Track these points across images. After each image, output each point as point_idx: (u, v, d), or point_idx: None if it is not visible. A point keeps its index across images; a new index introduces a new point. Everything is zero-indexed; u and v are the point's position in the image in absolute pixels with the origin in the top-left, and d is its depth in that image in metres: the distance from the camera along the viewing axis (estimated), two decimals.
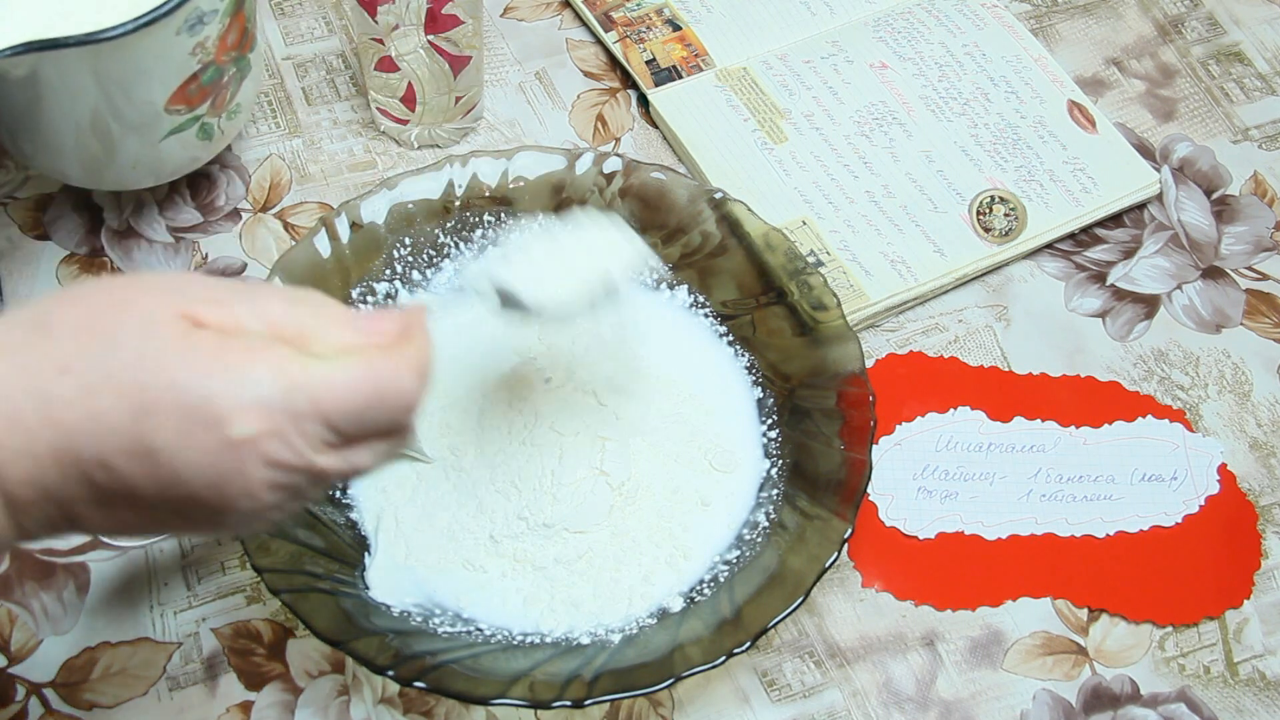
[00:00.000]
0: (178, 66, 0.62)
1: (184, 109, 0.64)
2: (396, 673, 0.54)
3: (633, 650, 0.57)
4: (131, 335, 0.39)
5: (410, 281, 0.68)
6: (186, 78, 0.63)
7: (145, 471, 0.39)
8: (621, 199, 0.69)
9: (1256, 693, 0.62)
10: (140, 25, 0.58)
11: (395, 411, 0.42)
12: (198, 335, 0.40)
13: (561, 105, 0.80)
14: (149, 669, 0.60)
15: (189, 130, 0.66)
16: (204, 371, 0.39)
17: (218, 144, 0.69)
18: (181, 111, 0.64)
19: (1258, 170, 0.80)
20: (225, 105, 0.67)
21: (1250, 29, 0.86)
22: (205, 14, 0.61)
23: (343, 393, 0.41)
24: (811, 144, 0.77)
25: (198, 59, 0.62)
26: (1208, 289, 0.75)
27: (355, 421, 0.41)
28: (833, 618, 0.63)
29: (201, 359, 0.39)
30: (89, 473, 0.39)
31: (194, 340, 0.40)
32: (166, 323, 0.40)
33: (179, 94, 0.63)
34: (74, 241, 0.72)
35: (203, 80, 0.64)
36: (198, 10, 0.60)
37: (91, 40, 0.57)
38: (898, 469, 0.67)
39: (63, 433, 0.38)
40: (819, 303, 0.65)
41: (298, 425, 0.40)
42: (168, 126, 0.65)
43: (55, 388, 0.38)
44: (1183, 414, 0.70)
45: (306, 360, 0.41)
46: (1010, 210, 0.75)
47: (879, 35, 0.82)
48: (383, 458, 0.44)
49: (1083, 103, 0.80)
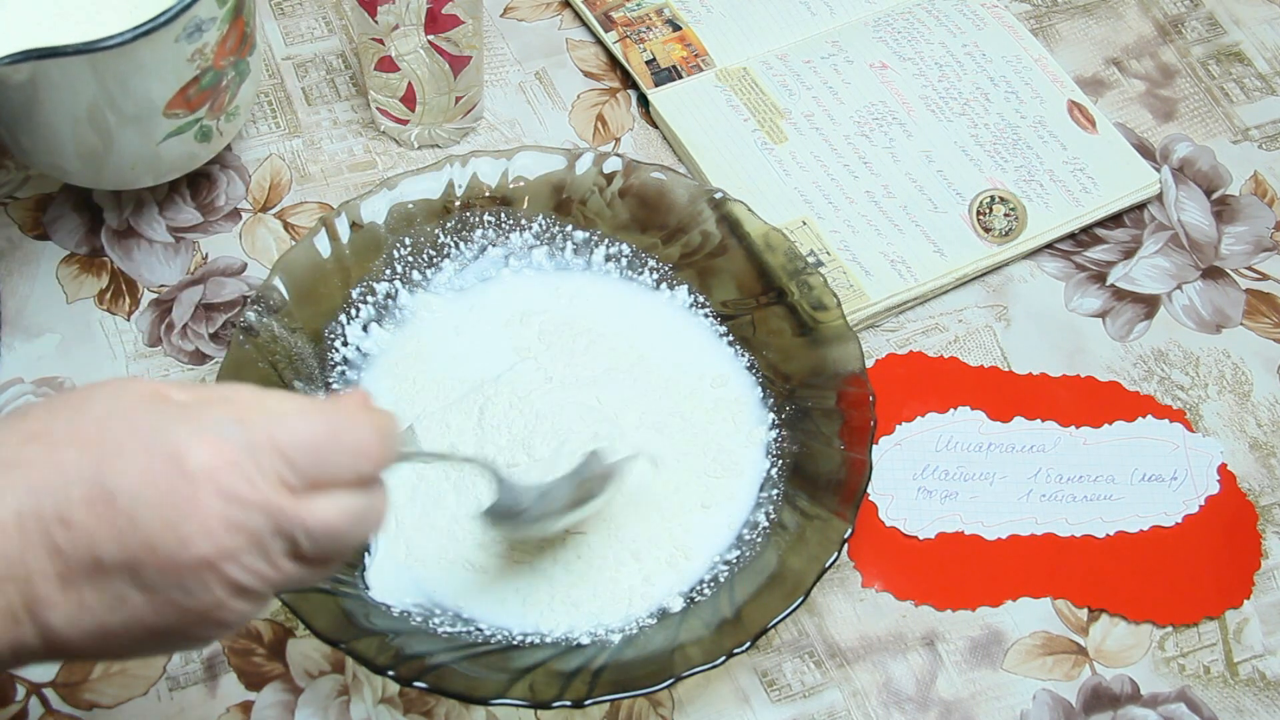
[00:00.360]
0: (177, 72, 0.62)
1: (183, 112, 0.64)
2: (396, 673, 0.54)
3: (633, 650, 0.57)
4: (101, 401, 0.40)
5: (410, 281, 0.68)
6: (185, 82, 0.63)
7: (104, 518, 0.38)
8: (621, 199, 0.69)
9: (1256, 693, 0.62)
10: (139, 34, 0.58)
11: (355, 457, 0.41)
12: (166, 401, 0.40)
13: (561, 105, 0.80)
14: (149, 669, 0.60)
15: (188, 132, 0.66)
16: (169, 418, 0.39)
17: (216, 144, 0.69)
18: (180, 115, 0.64)
19: (1258, 170, 0.80)
20: (224, 107, 0.67)
21: (1250, 29, 0.86)
22: (204, 21, 0.61)
23: (300, 428, 0.40)
24: (811, 144, 0.77)
25: (196, 65, 0.62)
26: (1208, 289, 0.75)
27: (313, 459, 0.40)
28: (833, 618, 0.63)
29: (168, 412, 0.40)
30: (50, 532, 0.38)
31: (162, 403, 0.40)
32: (136, 393, 0.40)
33: (178, 98, 0.63)
34: (74, 241, 0.72)
35: (202, 84, 0.64)
36: (196, 18, 0.60)
37: (90, 49, 0.57)
38: (898, 469, 0.67)
39: (25, 491, 0.38)
40: (819, 303, 0.65)
41: (254, 457, 0.39)
42: (166, 129, 0.65)
43: (21, 454, 0.38)
44: (1183, 414, 0.70)
45: (266, 405, 0.41)
46: (1010, 210, 0.75)
47: (879, 35, 0.82)
48: (350, 517, 0.41)
49: (1083, 103, 0.80)
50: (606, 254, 0.70)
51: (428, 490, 0.62)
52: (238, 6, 0.63)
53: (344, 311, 0.66)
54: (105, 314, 0.70)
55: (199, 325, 0.70)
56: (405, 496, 0.62)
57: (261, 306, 0.63)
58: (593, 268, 0.70)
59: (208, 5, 0.60)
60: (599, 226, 0.70)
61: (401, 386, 0.66)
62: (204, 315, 0.70)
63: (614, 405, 0.64)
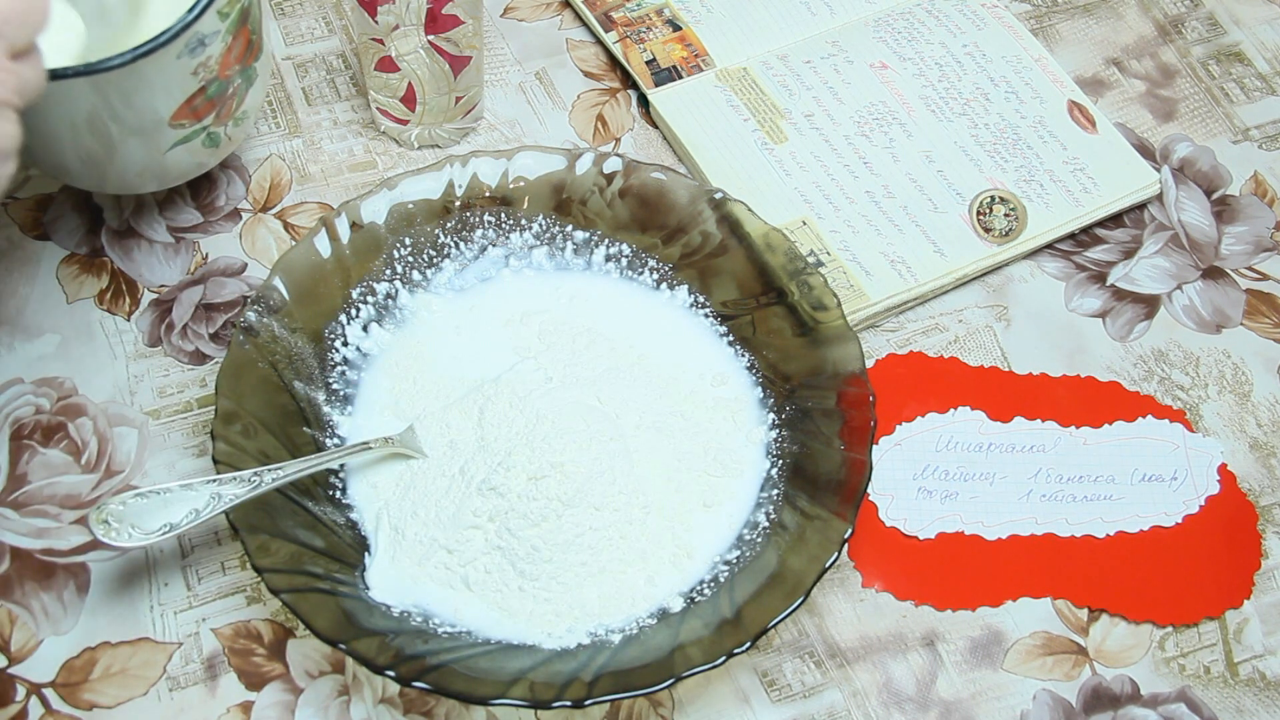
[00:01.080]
0: (181, 86, 0.62)
1: (189, 122, 0.64)
2: (396, 673, 0.54)
3: (633, 650, 0.57)
4: None
5: (410, 281, 0.68)
6: (190, 94, 0.63)
7: None
8: (621, 199, 0.69)
9: (1256, 693, 0.62)
10: (140, 55, 0.58)
11: None
12: None
13: (561, 105, 0.80)
14: (149, 669, 0.60)
15: (195, 140, 0.66)
16: None
17: (224, 150, 0.69)
18: (187, 125, 0.64)
19: (1258, 170, 0.80)
20: (232, 114, 0.67)
21: (1250, 29, 0.86)
22: (206, 36, 0.61)
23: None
24: (811, 144, 0.77)
25: (201, 77, 0.62)
26: (1208, 289, 0.75)
27: None
28: (833, 618, 0.63)
29: None
30: None
31: None
32: None
33: (183, 109, 0.63)
34: (74, 241, 0.72)
35: (208, 94, 0.64)
36: (198, 34, 0.60)
37: (92, 71, 0.57)
38: (898, 469, 0.67)
39: None
40: (819, 303, 0.65)
41: None
42: (173, 139, 0.65)
43: None
44: (1183, 414, 0.70)
45: None
46: (1010, 210, 0.75)
47: (879, 35, 0.82)
48: None
49: (1083, 103, 0.80)
50: (606, 254, 0.70)
51: (427, 490, 0.62)
52: (242, 17, 0.63)
53: (344, 311, 0.66)
54: (105, 314, 0.70)
55: (199, 325, 0.70)
56: (405, 497, 0.62)
57: (261, 306, 0.63)
58: (593, 268, 0.70)
59: (210, 21, 0.60)
60: (599, 226, 0.70)
61: (401, 386, 0.66)
62: (204, 315, 0.70)
63: (614, 405, 0.64)
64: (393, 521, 0.61)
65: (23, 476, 0.64)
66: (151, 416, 0.67)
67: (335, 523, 0.61)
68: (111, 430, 0.66)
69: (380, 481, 0.63)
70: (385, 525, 0.61)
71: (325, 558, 0.58)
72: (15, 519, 0.63)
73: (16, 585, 0.61)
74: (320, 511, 0.60)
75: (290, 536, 0.58)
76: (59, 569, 0.62)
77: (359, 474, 0.63)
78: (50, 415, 0.66)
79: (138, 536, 0.56)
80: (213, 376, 0.67)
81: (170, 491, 0.57)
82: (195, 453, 0.66)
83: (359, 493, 0.62)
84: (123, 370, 0.68)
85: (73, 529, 0.63)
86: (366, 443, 0.62)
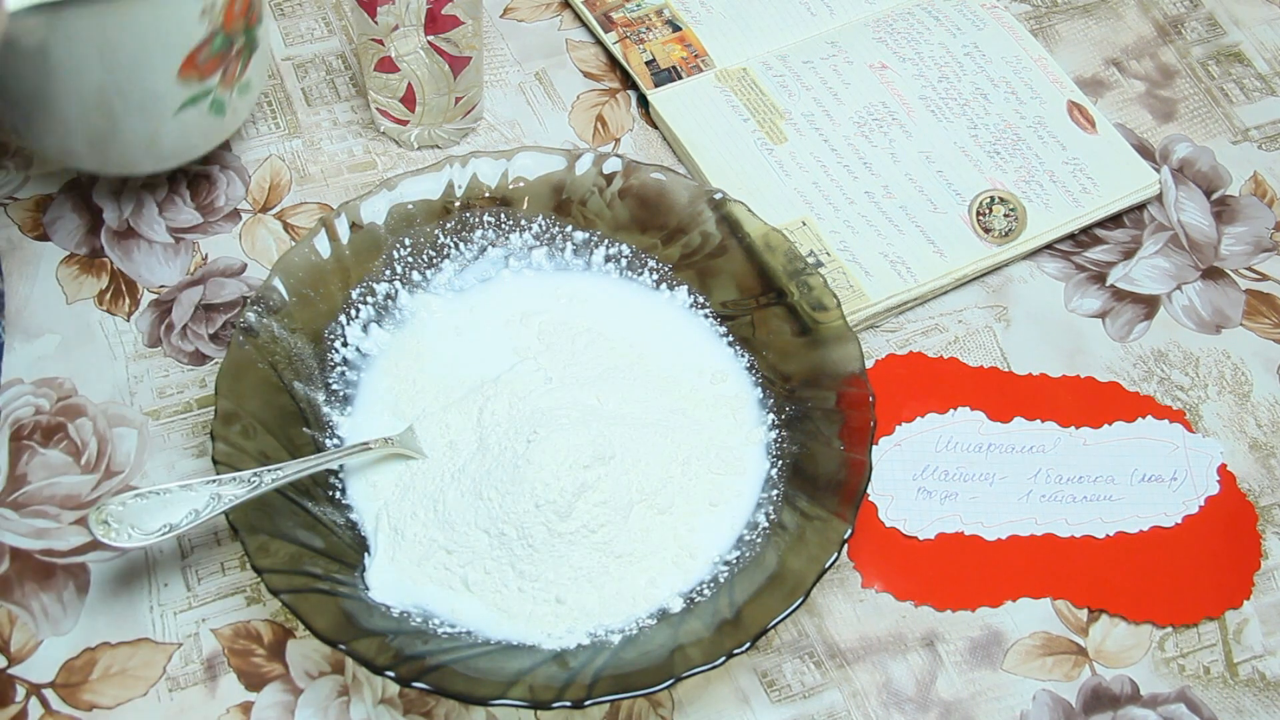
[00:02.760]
0: (187, 30, 0.62)
1: (195, 78, 0.64)
2: (396, 673, 0.54)
3: (633, 651, 0.57)
4: None
5: (410, 282, 0.68)
6: (197, 44, 0.63)
7: None
8: (621, 199, 0.69)
9: (1256, 693, 0.62)
10: None
11: None
12: None
13: (561, 106, 0.80)
14: (149, 669, 0.60)
15: (202, 103, 0.66)
16: None
17: (230, 123, 0.69)
18: (193, 82, 0.64)
19: (1258, 171, 0.80)
20: (236, 79, 0.67)
21: (1250, 29, 0.86)
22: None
23: None
24: (811, 144, 0.77)
25: (207, 23, 0.62)
26: (1208, 289, 0.75)
27: None
28: (833, 618, 0.63)
29: None
30: None
31: None
32: None
33: (189, 62, 0.63)
34: (74, 242, 0.72)
35: (213, 47, 0.64)
36: None
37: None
38: (898, 469, 0.67)
39: None
40: (819, 303, 0.65)
41: None
42: (180, 98, 0.65)
43: None
44: (1183, 414, 0.70)
45: None
46: (1010, 211, 0.75)
47: (879, 36, 0.82)
48: None
49: (1082, 103, 0.80)
50: (606, 254, 0.70)
51: (427, 490, 0.62)
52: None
53: (344, 312, 0.66)
54: (105, 314, 0.70)
55: (199, 326, 0.70)
56: (404, 497, 0.62)
57: (261, 307, 0.63)
58: (592, 268, 0.70)
59: None
60: (599, 227, 0.70)
61: (401, 387, 0.66)
62: (204, 316, 0.70)
63: (614, 405, 0.64)
64: (392, 522, 0.61)
65: (22, 477, 0.64)
66: (151, 417, 0.67)
67: (335, 523, 0.61)
68: (111, 431, 0.66)
69: (380, 482, 0.63)
70: (385, 526, 0.61)
71: (325, 558, 0.58)
72: (15, 519, 0.63)
73: (16, 586, 0.61)
74: (320, 512, 0.60)
75: (290, 537, 0.58)
76: (59, 569, 0.62)
77: (359, 474, 0.63)
78: (50, 416, 0.66)
79: (137, 537, 0.56)
80: (212, 377, 0.67)
81: (170, 492, 0.57)
82: (195, 453, 0.66)
83: (358, 493, 0.62)
84: (122, 371, 0.68)
85: (72, 529, 0.63)
86: (366, 443, 0.62)
